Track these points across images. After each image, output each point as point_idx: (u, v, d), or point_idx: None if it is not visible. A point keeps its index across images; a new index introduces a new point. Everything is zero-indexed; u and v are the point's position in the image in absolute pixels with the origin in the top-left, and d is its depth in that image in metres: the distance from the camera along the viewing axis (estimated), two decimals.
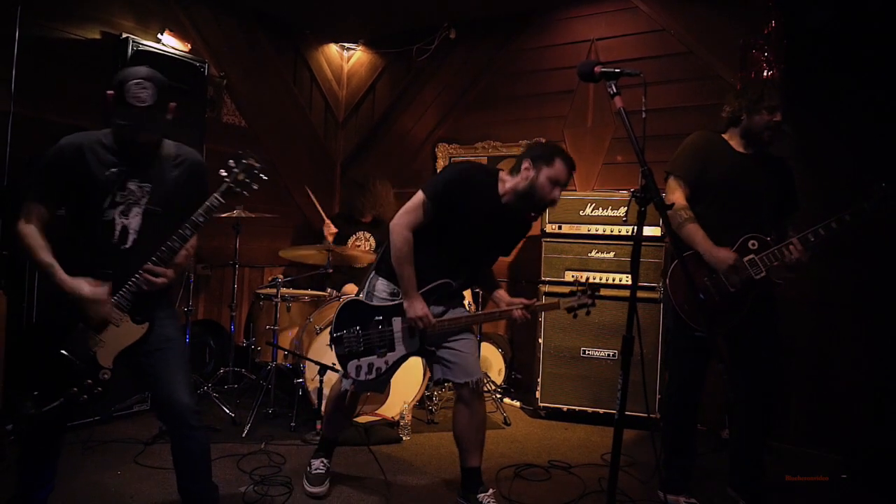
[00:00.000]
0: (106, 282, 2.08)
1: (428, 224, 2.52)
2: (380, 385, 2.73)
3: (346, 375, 2.62)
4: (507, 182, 2.57)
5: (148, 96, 2.05)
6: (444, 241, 2.58)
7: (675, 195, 2.74)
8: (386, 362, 2.59)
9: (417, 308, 2.52)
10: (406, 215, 2.52)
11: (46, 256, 2.09)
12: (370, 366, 2.58)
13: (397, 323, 2.59)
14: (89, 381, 2.10)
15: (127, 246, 2.15)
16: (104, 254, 2.13)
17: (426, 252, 2.55)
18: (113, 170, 2.12)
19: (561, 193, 2.55)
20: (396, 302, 2.62)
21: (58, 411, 2.09)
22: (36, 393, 2.07)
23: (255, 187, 2.21)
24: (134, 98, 2.03)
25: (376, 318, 2.60)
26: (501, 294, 2.76)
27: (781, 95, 2.68)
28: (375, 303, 2.67)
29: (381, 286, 2.68)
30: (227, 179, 2.19)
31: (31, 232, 2.11)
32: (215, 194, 2.17)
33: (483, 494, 2.59)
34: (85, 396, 2.09)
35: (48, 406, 2.06)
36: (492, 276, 2.86)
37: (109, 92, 2.10)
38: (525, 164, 2.52)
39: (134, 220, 2.15)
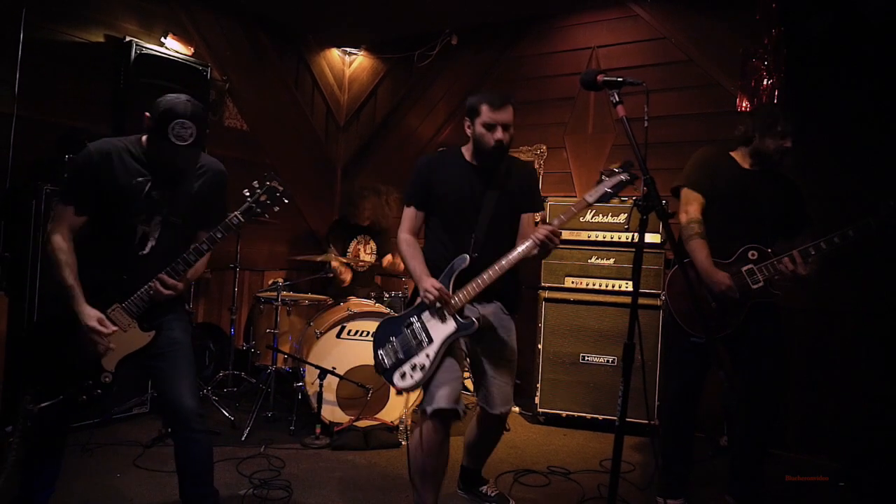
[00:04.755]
0: (112, 312, 2.13)
1: (429, 217, 2.61)
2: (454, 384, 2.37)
3: (394, 388, 2.44)
4: (467, 146, 2.61)
5: (189, 136, 2.08)
6: (445, 221, 2.57)
7: (692, 207, 2.77)
8: (427, 356, 2.38)
9: (426, 283, 2.39)
10: (401, 225, 2.62)
11: (70, 277, 2.09)
12: (413, 366, 2.40)
13: (426, 314, 2.45)
14: (90, 381, 2.12)
15: (144, 252, 2.18)
16: (121, 258, 2.16)
17: (438, 239, 2.58)
18: (139, 178, 2.15)
19: (505, 132, 2.46)
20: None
21: (57, 409, 2.10)
22: (37, 389, 2.09)
23: (277, 209, 2.23)
24: (176, 137, 2.06)
25: (408, 321, 2.47)
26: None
27: (791, 121, 2.70)
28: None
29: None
30: (249, 199, 2.22)
31: (62, 245, 2.11)
32: (236, 213, 2.20)
33: (485, 486, 2.87)
34: (84, 397, 2.11)
35: (47, 402, 2.07)
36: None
37: (147, 114, 2.13)
38: (466, 124, 2.54)
39: (154, 228, 2.18)
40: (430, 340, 2.40)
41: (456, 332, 2.39)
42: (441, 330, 2.40)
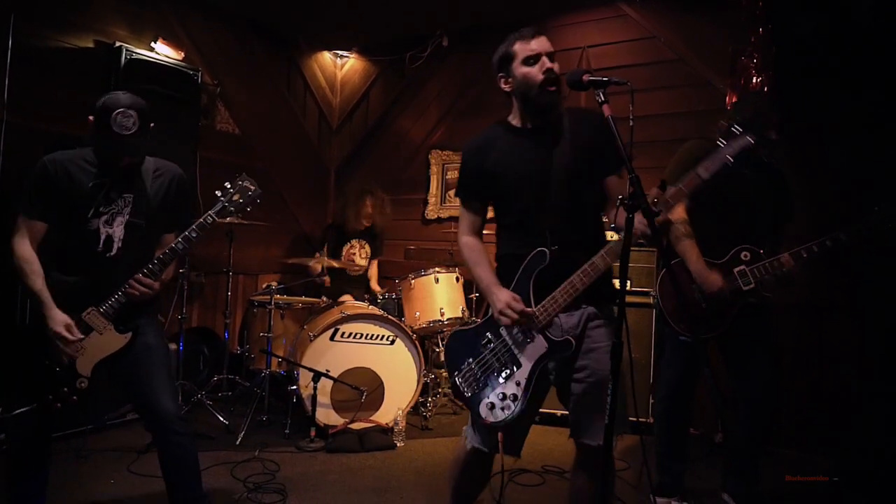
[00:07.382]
0: (87, 316, 2.15)
1: (490, 211, 2.19)
2: (520, 424, 2.07)
3: (482, 422, 2.01)
4: (510, 112, 2.15)
5: (132, 124, 2.13)
6: (508, 210, 2.10)
7: (676, 208, 2.73)
8: (517, 384, 1.95)
9: (500, 298, 1.93)
10: (459, 226, 2.23)
11: (37, 283, 2.13)
12: (502, 396, 1.97)
13: (506, 329, 2.01)
14: (65, 388, 2.12)
15: (112, 254, 2.19)
16: (89, 262, 2.17)
17: (509, 236, 2.12)
18: (96, 181, 2.19)
19: (550, 60, 2.03)
20: None
21: (35, 417, 2.11)
22: (12, 398, 2.10)
23: (249, 209, 2.29)
24: (119, 127, 2.12)
25: (484, 337, 2.04)
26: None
27: (776, 111, 2.69)
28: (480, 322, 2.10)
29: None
30: (222, 199, 2.26)
31: (25, 255, 2.16)
32: (210, 212, 2.23)
33: None
34: (59, 405, 2.11)
35: (21, 410, 2.08)
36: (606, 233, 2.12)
37: (90, 117, 2.17)
38: (500, 78, 2.10)
39: (118, 230, 2.20)
40: (518, 365, 1.97)
41: (548, 354, 1.95)
42: (529, 351, 1.96)
